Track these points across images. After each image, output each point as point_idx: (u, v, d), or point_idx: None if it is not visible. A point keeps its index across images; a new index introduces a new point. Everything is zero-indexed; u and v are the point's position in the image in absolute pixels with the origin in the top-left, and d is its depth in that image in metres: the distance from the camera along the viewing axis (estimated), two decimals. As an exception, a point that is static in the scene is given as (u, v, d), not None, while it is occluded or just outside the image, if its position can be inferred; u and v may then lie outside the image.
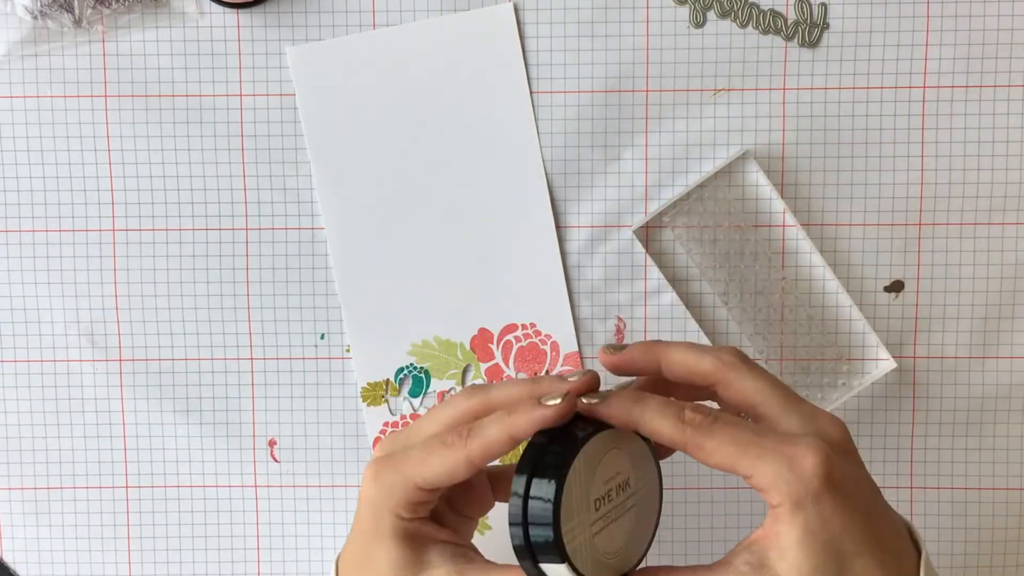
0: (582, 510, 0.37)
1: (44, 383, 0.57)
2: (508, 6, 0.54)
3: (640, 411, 0.37)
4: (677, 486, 0.57)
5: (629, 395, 0.38)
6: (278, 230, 0.56)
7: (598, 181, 0.55)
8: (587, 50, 0.54)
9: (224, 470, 0.57)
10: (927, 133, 0.55)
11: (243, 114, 0.55)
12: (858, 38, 0.54)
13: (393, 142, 0.55)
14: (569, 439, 0.37)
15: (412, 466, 0.38)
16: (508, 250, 0.55)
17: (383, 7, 0.54)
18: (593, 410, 0.38)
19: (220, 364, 0.56)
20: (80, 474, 0.57)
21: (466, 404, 0.40)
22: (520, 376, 0.56)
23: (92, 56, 0.55)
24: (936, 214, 0.55)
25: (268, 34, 0.55)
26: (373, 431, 0.57)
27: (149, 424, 0.57)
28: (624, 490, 0.39)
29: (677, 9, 0.54)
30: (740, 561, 0.36)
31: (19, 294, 0.56)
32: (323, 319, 0.56)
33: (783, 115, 0.55)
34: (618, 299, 0.56)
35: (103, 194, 0.56)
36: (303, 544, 0.57)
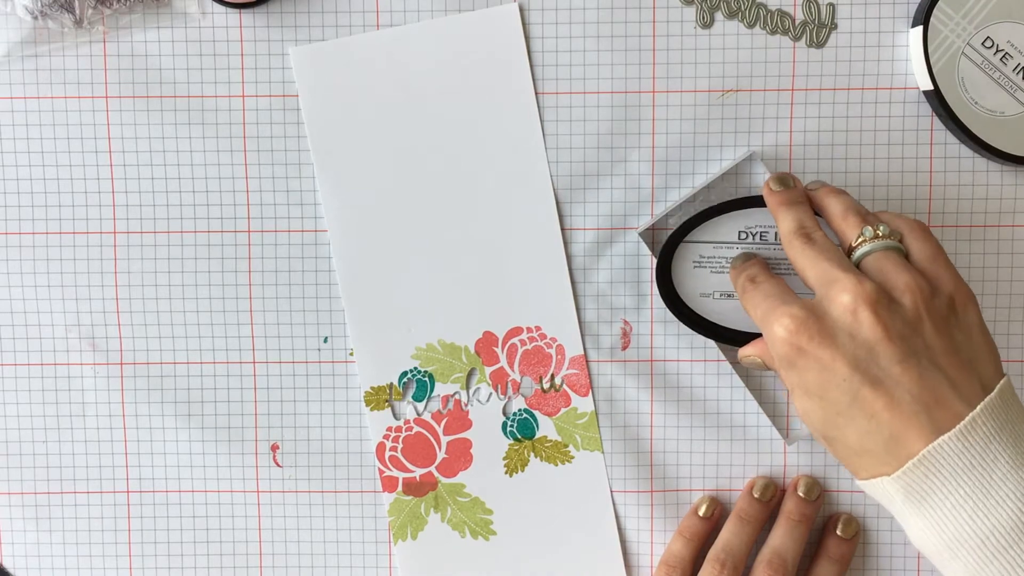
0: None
1: (44, 387, 0.56)
2: (513, 6, 0.54)
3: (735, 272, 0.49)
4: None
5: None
6: (281, 232, 0.55)
7: (604, 183, 0.55)
8: (593, 51, 0.54)
9: (226, 475, 0.56)
10: (935, 135, 0.54)
11: (245, 115, 0.55)
12: (866, 39, 0.54)
13: (397, 144, 0.55)
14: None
15: None
16: (513, 252, 0.55)
17: (387, 7, 0.54)
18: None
19: (222, 368, 0.56)
20: (81, 479, 0.57)
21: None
22: (525, 379, 0.56)
23: (93, 57, 0.54)
24: (945, 216, 0.55)
25: (271, 34, 0.54)
26: (376, 436, 0.56)
27: (150, 428, 0.56)
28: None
29: (684, 10, 0.54)
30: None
31: (19, 297, 0.56)
32: (326, 322, 0.56)
33: (790, 116, 0.54)
34: (624, 302, 0.55)
35: (104, 196, 0.55)
36: (305, 550, 0.57)
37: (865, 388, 0.41)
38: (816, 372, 0.42)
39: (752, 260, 0.49)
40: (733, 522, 0.54)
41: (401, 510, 0.56)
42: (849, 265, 0.44)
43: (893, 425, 0.41)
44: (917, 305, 0.42)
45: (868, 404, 0.41)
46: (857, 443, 0.42)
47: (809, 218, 0.46)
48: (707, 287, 0.52)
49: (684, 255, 0.51)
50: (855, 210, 0.46)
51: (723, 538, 0.54)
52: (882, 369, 0.41)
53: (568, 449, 0.56)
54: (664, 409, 0.55)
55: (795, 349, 0.43)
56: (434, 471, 0.56)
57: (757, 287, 0.46)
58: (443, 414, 0.56)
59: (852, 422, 0.42)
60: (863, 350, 0.42)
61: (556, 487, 0.56)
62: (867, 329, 0.42)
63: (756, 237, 0.51)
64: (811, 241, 0.45)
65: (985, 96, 0.52)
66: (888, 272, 0.43)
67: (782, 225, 0.46)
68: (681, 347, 0.55)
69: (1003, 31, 0.52)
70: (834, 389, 0.42)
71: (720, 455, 0.56)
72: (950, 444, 0.40)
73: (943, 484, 0.40)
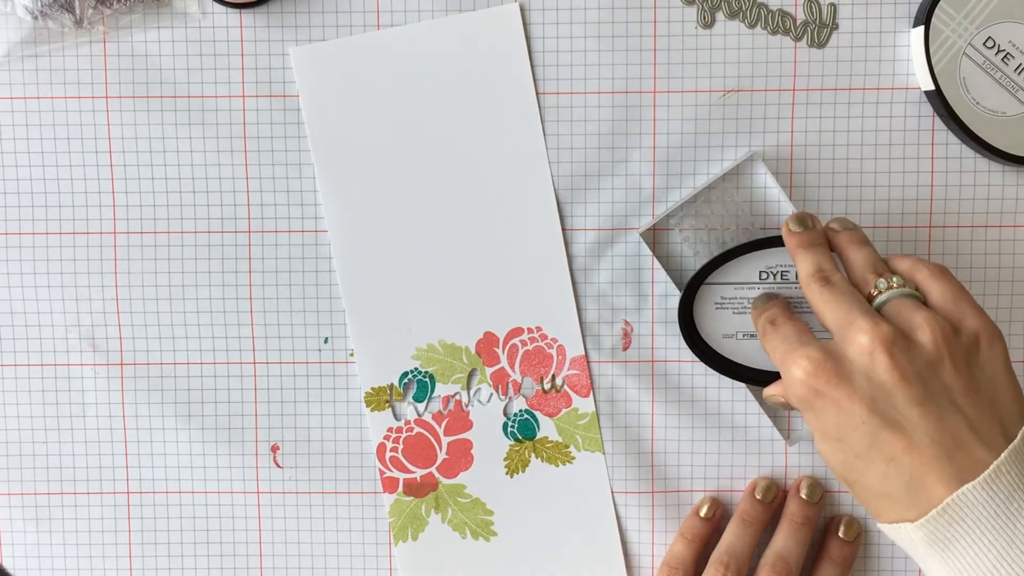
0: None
1: (44, 387, 0.56)
2: (514, 6, 0.54)
3: (756, 313, 0.50)
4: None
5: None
6: (281, 233, 0.55)
7: (605, 183, 0.55)
8: (594, 51, 0.54)
9: (226, 476, 0.56)
10: (937, 135, 0.54)
11: (246, 115, 0.55)
12: (868, 39, 0.54)
13: (397, 144, 0.54)
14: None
15: None
16: (514, 253, 0.55)
17: (387, 7, 0.54)
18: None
19: (222, 368, 0.56)
20: (81, 479, 0.57)
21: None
22: (526, 380, 0.56)
23: (93, 57, 0.54)
24: (947, 216, 0.55)
25: (271, 34, 0.54)
26: (377, 436, 0.56)
27: (150, 429, 0.56)
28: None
29: (685, 9, 0.54)
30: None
31: (19, 297, 0.56)
32: (327, 323, 0.56)
33: (792, 116, 0.54)
34: (625, 302, 0.55)
35: (104, 196, 0.55)
36: (305, 551, 0.57)
37: (884, 431, 0.41)
38: (834, 414, 0.42)
39: (773, 301, 0.49)
40: (736, 524, 0.54)
41: (402, 511, 0.56)
42: (867, 307, 0.43)
43: (913, 469, 0.40)
44: (936, 342, 0.42)
45: (887, 447, 0.41)
46: (877, 486, 0.42)
47: (827, 260, 0.46)
48: (730, 328, 0.52)
49: (706, 297, 0.51)
50: (871, 265, 0.46)
51: (726, 540, 0.54)
52: (900, 412, 0.41)
53: (569, 450, 0.56)
54: (665, 410, 0.55)
55: (812, 391, 0.43)
56: (435, 472, 0.56)
57: (776, 329, 0.46)
58: (444, 415, 0.56)
59: (871, 465, 0.42)
60: (880, 392, 0.41)
61: (557, 488, 0.56)
62: (883, 371, 0.41)
63: (777, 277, 0.51)
64: (829, 284, 0.45)
65: (986, 96, 0.52)
66: (905, 313, 0.43)
67: (801, 267, 0.46)
68: (682, 348, 0.55)
69: (1004, 31, 0.52)
70: (852, 432, 0.42)
71: (721, 456, 0.56)
72: (974, 493, 0.40)
73: (967, 532, 0.40)
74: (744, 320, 0.51)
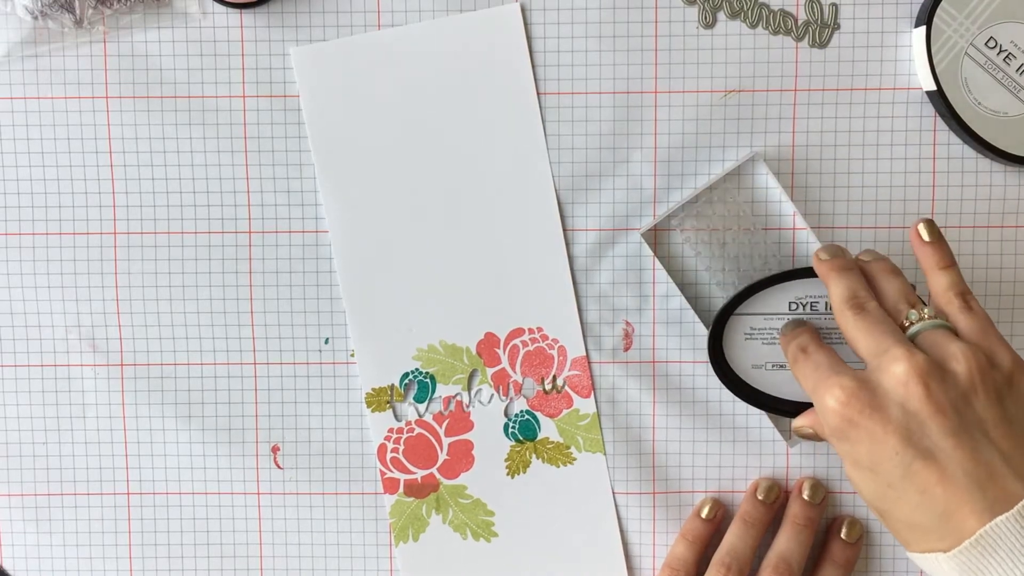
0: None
1: (44, 388, 0.56)
2: (515, 6, 0.54)
3: (785, 339, 0.49)
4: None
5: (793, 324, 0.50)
6: (281, 233, 0.55)
7: (606, 184, 0.55)
8: (595, 51, 0.54)
9: (226, 477, 0.56)
10: (939, 135, 0.54)
11: (246, 115, 0.54)
12: (869, 39, 0.54)
13: (398, 144, 0.54)
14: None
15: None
16: (515, 253, 0.55)
17: (388, 7, 0.54)
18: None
19: (223, 369, 0.56)
20: (81, 480, 0.57)
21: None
22: (527, 380, 0.55)
23: (93, 57, 0.54)
24: (948, 216, 0.54)
25: (272, 34, 0.54)
26: (378, 437, 0.56)
27: (151, 430, 0.56)
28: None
29: (686, 9, 0.54)
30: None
31: (19, 298, 0.56)
32: (327, 323, 0.55)
33: (793, 116, 0.54)
34: (626, 303, 0.55)
35: (104, 196, 0.55)
36: (306, 552, 0.57)
37: (917, 462, 0.41)
38: (867, 444, 0.42)
39: (802, 328, 0.49)
40: (737, 525, 0.54)
41: (402, 512, 0.56)
42: (901, 336, 0.43)
43: (947, 501, 0.40)
44: (972, 373, 0.42)
45: (920, 478, 0.41)
46: (909, 517, 0.42)
47: (862, 286, 0.46)
48: (759, 359, 0.52)
49: (735, 327, 0.51)
50: (904, 294, 0.46)
51: (728, 542, 0.53)
52: (934, 443, 0.41)
53: (570, 450, 0.56)
54: (666, 411, 0.55)
55: (846, 420, 0.42)
56: (435, 472, 0.56)
57: (808, 357, 0.46)
58: (444, 415, 0.56)
59: (904, 495, 0.41)
60: (915, 423, 0.41)
61: (558, 489, 0.56)
62: (918, 401, 0.41)
63: (806, 308, 0.51)
64: (863, 311, 0.44)
65: (988, 96, 0.52)
66: (941, 345, 0.43)
67: (833, 292, 0.46)
68: (683, 348, 0.55)
69: (1006, 31, 0.52)
70: (886, 462, 0.42)
71: (722, 456, 0.56)
72: (1007, 525, 0.39)
73: (1000, 564, 0.40)
74: (773, 351, 0.51)
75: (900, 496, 0.42)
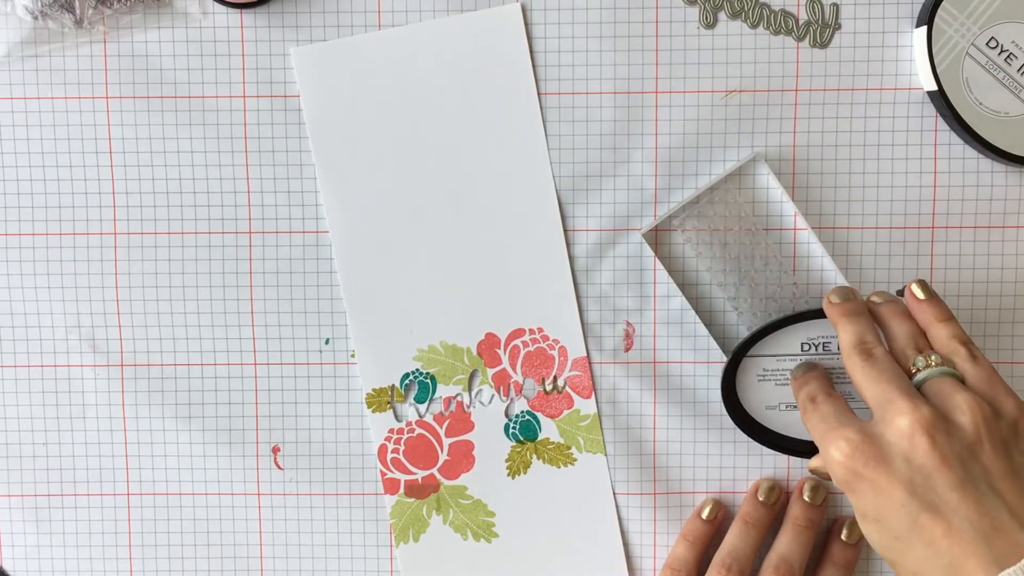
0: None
1: (44, 388, 0.56)
2: (515, 6, 0.54)
3: (795, 384, 0.50)
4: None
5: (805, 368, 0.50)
6: (282, 234, 0.55)
7: (607, 184, 0.54)
8: (595, 51, 0.54)
9: (227, 477, 0.56)
10: (940, 135, 0.54)
11: (247, 116, 0.54)
12: (870, 39, 0.54)
13: (399, 144, 0.54)
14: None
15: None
16: (515, 253, 0.55)
17: (389, 7, 0.54)
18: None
19: (223, 370, 0.56)
20: (81, 481, 0.57)
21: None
22: (527, 381, 0.55)
23: (93, 57, 0.54)
24: (949, 217, 0.54)
25: (272, 35, 0.54)
26: (378, 438, 0.56)
27: (151, 430, 0.56)
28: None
29: (687, 10, 0.54)
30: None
31: (19, 298, 0.55)
32: (328, 324, 0.55)
33: (794, 117, 0.54)
34: (627, 303, 0.55)
35: (104, 197, 0.55)
36: (306, 553, 0.57)
37: (923, 515, 0.41)
38: (873, 496, 0.42)
39: (812, 374, 0.49)
40: (738, 526, 0.54)
41: (403, 512, 0.56)
42: (907, 387, 0.43)
43: (953, 554, 0.40)
44: (977, 425, 0.42)
45: (926, 531, 0.41)
46: (917, 568, 0.42)
47: (870, 331, 0.46)
48: (772, 400, 0.52)
49: (748, 369, 0.52)
50: (912, 339, 0.46)
51: (728, 542, 0.53)
52: (939, 496, 0.41)
53: (571, 451, 0.56)
54: (667, 411, 0.55)
55: (851, 473, 0.43)
56: (436, 473, 0.56)
57: (816, 408, 0.46)
58: (445, 416, 0.56)
59: (910, 548, 0.41)
60: (920, 476, 0.41)
61: (559, 489, 0.56)
62: (923, 454, 0.41)
63: (819, 348, 0.52)
64: (871, 358, 0.45)
65: (989, 97, 0.52)
66: (947, 395, 0.43)
67: (843, 337, 0.46)
68: (684, 348, 0.55)
69: (1008, 31, 0.52)
70: (892, 514, 0.42)
71: (723, 457, 0.56)
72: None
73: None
74: (786, 392, 0.52)
75: (907, 548, 0.42)
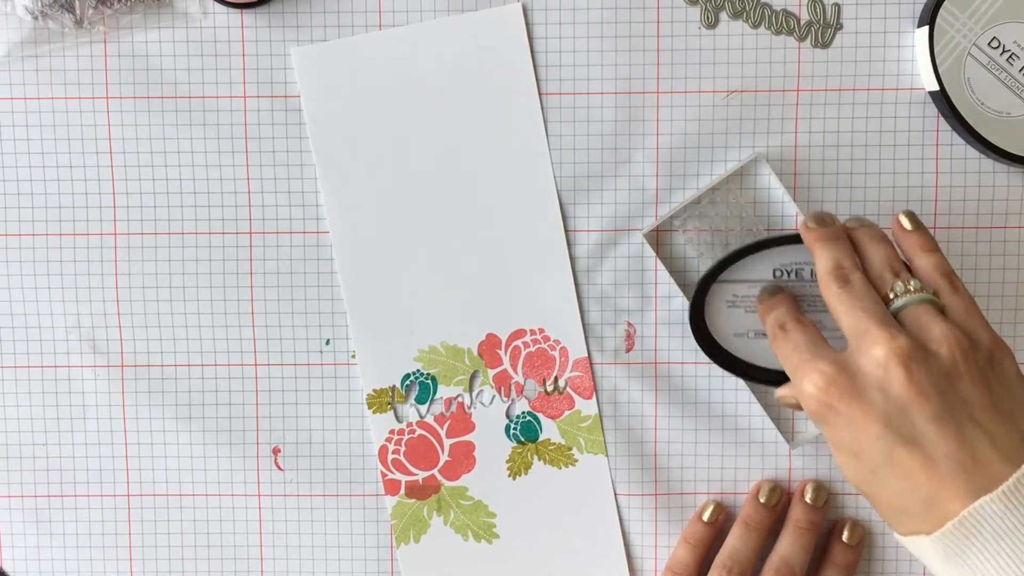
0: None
1: (44, 389, 0.56)
2: (516, 6, 0.53)
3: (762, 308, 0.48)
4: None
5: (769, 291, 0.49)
6: (282, 234, 0.55)
7: (607, 184, 0.54)
8: (597, 51, 0.54)
9: (227, 478, 0.56)
10: (941, 135, 0.54)
11: (247, 116, 0.54)
12: (872, 39, 0.54)
13: (399, 145, 0.54)
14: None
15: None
16: (516, 254, 0.55)
17: (389, 7, 0.54)
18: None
19: (223, 370, 0.56)
20: (81, 482, 0.56)
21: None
22: (528, 381, 0.55)
23: (93, 57, 0.54)
24: (951, 217, 0.54)
25: (273, 35, 0.54)
26: (379, 438, 0.56)
27: (151, 431, 0.56)
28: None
29: (688, 10, 0.53)
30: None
31: (19, 299, 0.55)
32: (328, 324, 0.55)
33: (796, 117, 0.54)
34: (628, 304, 0.55)
35: (104, 197, 0.55)
36: (307, 555, 0.56)
37: (899, 448, 0.40)
38: (848, 430, 0.41)
39: (778, 297, 0.47)
40: (739, 528, 0.54)
41: (404, 513, 0.56)
42: (884, 316, 0.42)
43: (930, 486, 0.39)
44: (955, 357, 0.41)
45: (903, 464, 0.40)
46: (894, 501, 0.41)
47: (848, 257, 0.45)
48: (741, 327, 0.50)
49: (718, 295, 0.50)
50: (889, 263, 0.45)
51: (729, 544, 0.53)
52: (916, 428, 0.40)
53: (572, 452, 0.55)
54: (668, 412, 0.55)
55: (825, 406, 0.41)
56: (437, 474, 0.56)
57: (787, 336, 0.45)
58: (446, 416, 0.55)
59: (887, 481, 0.41)
60: (896, 408, 0.40)
61: (560, 490, 0.56)
62: (899, 386, 0.40)
63: (791, 275, 0.50)
64: (848, 284, 0.43)
65: (991, 97, 0.52)
66: (924, 325, 0.42)
67: (820, 263, 0.45)
68: (685, 349, 0.55)
69: (1009, 31, 0.52)
70: (868, 448, 0.41)
71: (725, 458, 0.55)
72: (991, 506, 0.39)
73: (984, 546, 0.39)
74: (755, 319, 0.50)
75: (883, 482, 0.41)
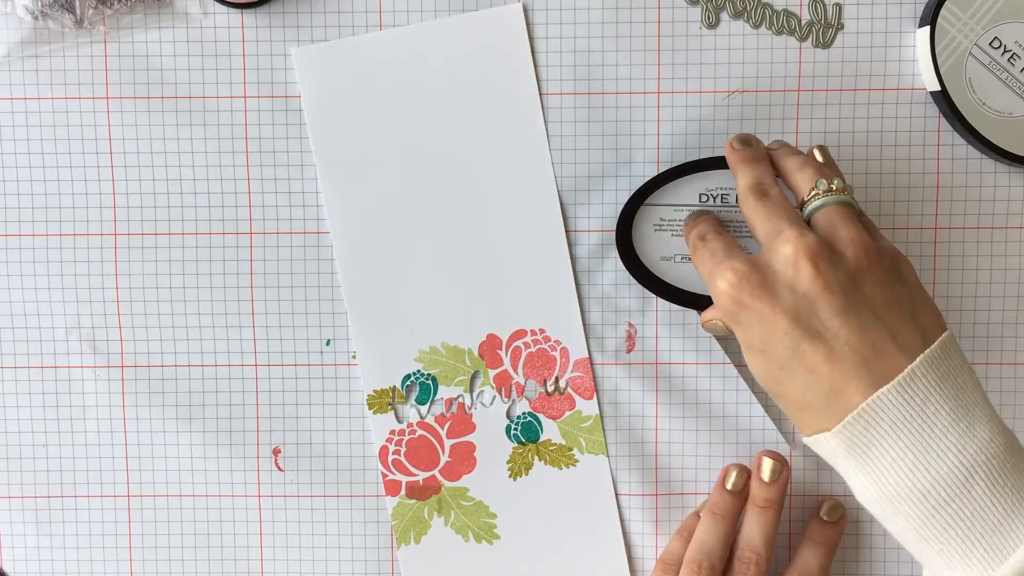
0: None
1: (45, 390, 0.56)
2: (517, 6, 0.53)
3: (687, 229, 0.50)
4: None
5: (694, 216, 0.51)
6: (283, 234, 0.55)
7: (608, 184, 0.54)
8: (597, 51, 0.54)
9: (227, 479, 0.56)
10: (943, 135, 0.54)
11: (247, 116, 0.54)
12: (873, 39, 0.53)
13: (400, 145, 0.54)
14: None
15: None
16: (517, 254, 0.54)
17: (390, 7, 0.53)
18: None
19: (224, 371, 0.56)
20: (81, 483, 0.56)
21: None
22: (529, 382, 0.55)
23: (94, 57, 0.54)
24: (952, 217, 0.54)
25: (273, 35, 0.54)
26: (379, 439, 0.56)
27: (151, 432, 0.56)
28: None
29: (689, 9, 0.53)
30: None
31: (19, 299, 0.55)
32: (329, 325, 0.55)
33: (797, 117, 0.54)
34: (628, 304, 0.55)
35: (105, 197, 0.55)
36: (307, 555, 0.56)
37: (805, 341, 0.41)
38: (758, 326, 0.42)
39: (704, 217, 0.50)
40: (706, 519, 0.53)
41: (404, 514, 0.56)
42: (796, 219, 0.44)
43: (833, 378, 0.41)
44: (860, 257, 0.42)
45: (808, 357, 0.41)
46: (800, 397, 0.42)
47: (768, 175, 0.46)
48: (668, 251, 0.51)
49: (645, 218, 0.51)
50: (813, 165, 0.46)
51: (697, 538, 0.53)
52: (822, 322, 0.41)
53: (572, 452, 0.55)
54: (669, 412, 0.55)
55: (737, 303, 0.43)
56: (437, 475, 0.56)
57: (705, 245, 0.46)
58: (446, 417, 0.55)
59: (793, 376, 0.42)
60: (803, 303, 0.42)
61: (560, 491, 0.56)
62: (806, 281, 0.42)
63: (717, 199, 0.51)
64: (765, 196, 0.45)
65: (992, 97, 0.52)
66: (835, 226, 0.43)
67: (740, 181, 0.46)
68: (687, 350, 0.55)
69: (1011, 31, 0.52)
70: (776, 343, 0.42)
71: (725, 459, 0.55)
72: (889, 396, 0.40)
73: (883, 437, 0.40)
74: (682, 243, 0.51)
75: (790, 377, 0.42)
